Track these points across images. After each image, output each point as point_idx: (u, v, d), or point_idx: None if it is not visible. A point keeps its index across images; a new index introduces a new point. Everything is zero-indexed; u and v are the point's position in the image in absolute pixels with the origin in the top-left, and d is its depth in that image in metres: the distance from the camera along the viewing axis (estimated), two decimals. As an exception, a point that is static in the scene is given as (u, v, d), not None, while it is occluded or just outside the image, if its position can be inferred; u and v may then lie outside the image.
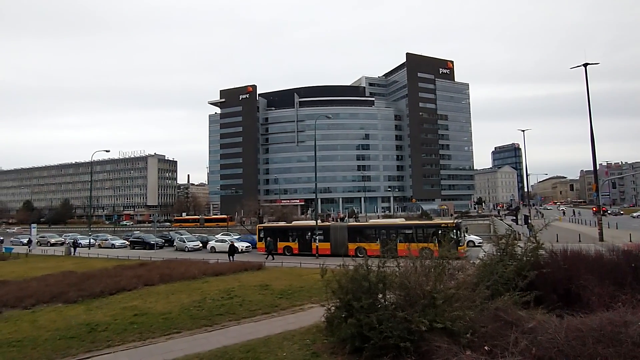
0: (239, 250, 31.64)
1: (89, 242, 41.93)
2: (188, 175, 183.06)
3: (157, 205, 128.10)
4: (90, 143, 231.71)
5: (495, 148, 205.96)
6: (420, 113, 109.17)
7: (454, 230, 24.78)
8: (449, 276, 8.47)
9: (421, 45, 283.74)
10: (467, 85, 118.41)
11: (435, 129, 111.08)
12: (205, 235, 46.30)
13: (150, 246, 39.02)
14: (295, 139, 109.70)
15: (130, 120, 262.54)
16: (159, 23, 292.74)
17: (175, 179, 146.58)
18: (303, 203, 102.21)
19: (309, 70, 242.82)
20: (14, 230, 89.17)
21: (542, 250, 10.62)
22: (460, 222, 27.55)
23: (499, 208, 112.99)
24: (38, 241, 48.07)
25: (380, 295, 8.14)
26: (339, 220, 76.16)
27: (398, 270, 8.36)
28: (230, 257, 26.88)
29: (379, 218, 65.01)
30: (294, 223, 36.69)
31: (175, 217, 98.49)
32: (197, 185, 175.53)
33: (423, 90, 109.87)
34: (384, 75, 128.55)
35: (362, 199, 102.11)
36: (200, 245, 37.48)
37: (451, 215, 77.90)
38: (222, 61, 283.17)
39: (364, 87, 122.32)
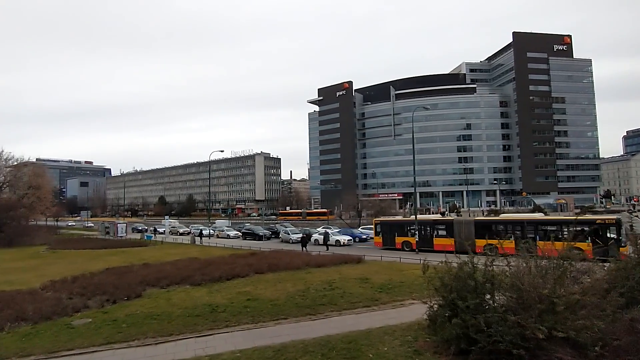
0: (341, 244, 32.35)
1: (209, 232, 47.51)
2: (291, 172, 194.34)
3: (264, 199, 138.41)
4: (208, 144, 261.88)
5: (627, 132, 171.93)
6: (531, 97, 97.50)
7: (614, 228, 20.67)
8: (571, 280, 7.47)
9: (530, 22, 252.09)
10: (589, 61, 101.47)
11: (550, 114, 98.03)
12: (308, 227, 48.67)
13: (259, 237, 42.38)
14: (392, 133, 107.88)
15: (241, 122, 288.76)
16: (264, 30, 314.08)
17: (279, 175, 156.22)
18: (401, 197, 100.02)
19: (405, 61, 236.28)
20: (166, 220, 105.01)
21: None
22: (620, 219, 23.07)
23: (634, 202, 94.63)
24: (170, 231, 56.03)
25: (488, 296, 7.59)
26: (439, 214, 72.78)
27: (508, 270, 7.68)
28: (303, 247, 28.80)
29: (483, 213, 60.21)
30: (413, 217, 35.54)
31: (280, 211, 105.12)
32: (299, 180, 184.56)
33: (534, 71, 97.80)
34: (486, 60, 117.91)
35: (464, 193, 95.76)
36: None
37: (572, 210, 67.85)
38: (321, 60, 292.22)
39: (465, 74, 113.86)
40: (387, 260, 22.75)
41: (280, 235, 41.58)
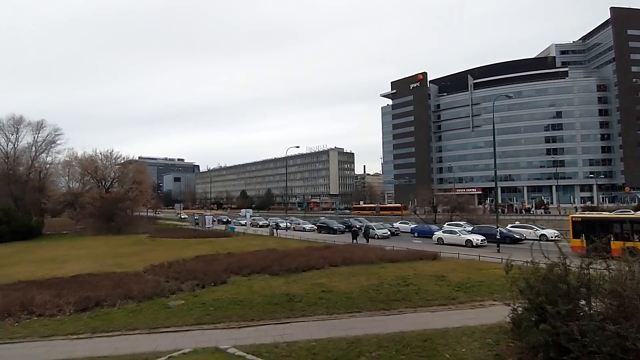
0: (473, 245, 28.74)
1: (286, 225, 49.51)
2: (364, 166, 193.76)
3: (338, 194, 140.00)
4: (285, 140, 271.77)
5: None
6: (634, 79, 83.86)
7: None
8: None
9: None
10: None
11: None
12: (381, 222, 48.22)
13: (334, 231, 43.03)
14: (470, 124, 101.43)
15: (316, 118, 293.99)
16: (340, 26, 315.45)
17: (353, 169, 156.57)
18: (480, 192, 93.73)
19: (483, 49, 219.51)
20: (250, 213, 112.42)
21: None
22: None
23: None
24: (251, 223, 59.59)
25: (582, 302, 6.87)
26: (523, 211, 66.61)
27: (608, 273, 6.85)
28: (354, 240, 29.69)
29: (576, 210, 53.63)
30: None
31: (354, 205, 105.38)
32: (372, 175, 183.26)
33: (636, 50, 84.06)
34: (580, 40, 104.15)
35: (553, 188, 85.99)
36: (389, 233, 37.74)
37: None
38: (395, 53, 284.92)
39: (554, 57, 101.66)
40: (465, 258, 21.70)
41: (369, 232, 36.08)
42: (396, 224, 44.68)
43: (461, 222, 42.58)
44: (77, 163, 59.45)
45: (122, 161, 62.64)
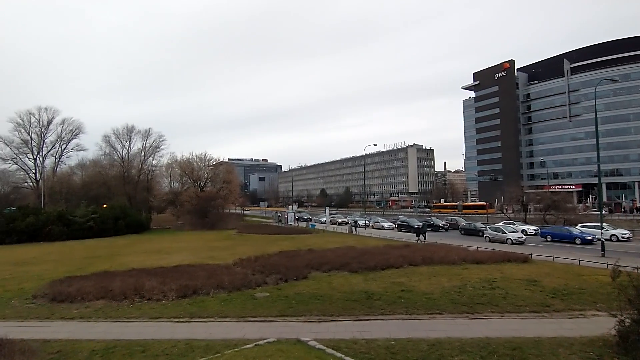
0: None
1: (365, 223, 49.58)
2: (445, 163, 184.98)
3: (417, 191, 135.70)
4: (363, 139, 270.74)
5: None
6: None
7: None
8: None
9: None
10: None
11: None
12: (464, 221, 45.75)
13: (414, 230, 41.87)
14: (566, 114, 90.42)
15: (393, 115, 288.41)
16: (418, 18, 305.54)
17: (433, 166, 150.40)
18: (580, 189, 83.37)
19: (579, 30, 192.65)
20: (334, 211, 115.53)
21: None
22: None
23: None
24: (330, 220, 60.74)
25: None
26: (634, 210, 57.43)
27: None
28: (418, 237, 29.90)
29: None
30: None
31: (434, 203, 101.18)
32: (453, 172, 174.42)
33: None
34: None
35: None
36: (524, 237, 30.85)
37: None
38: (477, 42, 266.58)
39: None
40: (561, 262, 19.60)
41: (487, 233, 33.34)
42: (498, 225, 39.08)
43: (515, 222, 40.91)
44: (177, 165, 66.78)
45: (214, 163, 68.71)
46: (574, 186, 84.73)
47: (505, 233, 31.27)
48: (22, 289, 16.09)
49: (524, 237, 31.13)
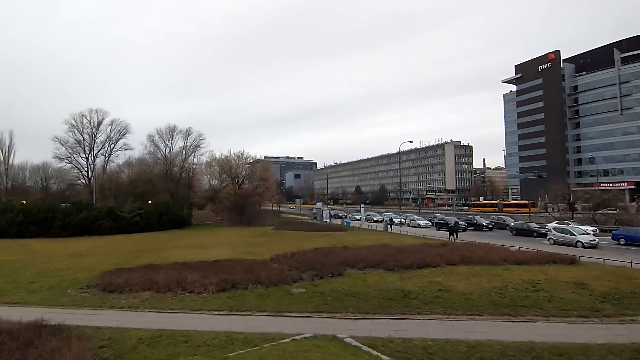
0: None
1: (400, 221, 48.88)
2: (484, 160, 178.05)
3: (455, 189, 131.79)
4: (399, 135, 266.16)
5: None
6: None
7: None
8: None
9: None
10: None
11: None
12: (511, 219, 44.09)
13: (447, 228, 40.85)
14: (618, 107, 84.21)
15: (430, 111, 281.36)
16: (461, 10, 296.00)
17: (471, 163, 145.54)
18: (633, 187, 77.56)
19: (631, 16, 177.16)
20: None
21: None
22: None
23: None
24: (365, 218, 60.43)
25: None
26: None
27: None
28: (451, 236, 30.06)
29: None
30: None
31: (473, 201, 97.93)
32: (493, 169, 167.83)
33: None
34: None
35: None
36: (597, 240, 27.52)
37: None
38: (519, 32, 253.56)
39: None
40: (611, 265, 18.39)
41: (550, 235, 30.30)
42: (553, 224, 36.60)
43: (569, 222, 38.26)
44: (216, 163, 68.98)
45: (251, 160, 70.28)
46: (625, 184, 79.13)
47: (575, 235, 27.93)
48: (76, 279, 17.30)
49: (597, 240, 27.71)
